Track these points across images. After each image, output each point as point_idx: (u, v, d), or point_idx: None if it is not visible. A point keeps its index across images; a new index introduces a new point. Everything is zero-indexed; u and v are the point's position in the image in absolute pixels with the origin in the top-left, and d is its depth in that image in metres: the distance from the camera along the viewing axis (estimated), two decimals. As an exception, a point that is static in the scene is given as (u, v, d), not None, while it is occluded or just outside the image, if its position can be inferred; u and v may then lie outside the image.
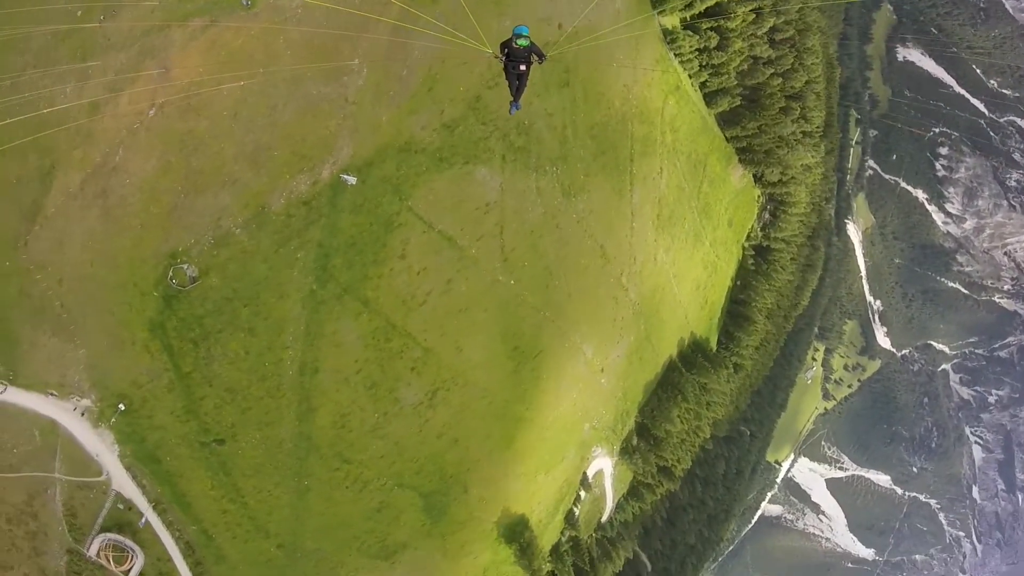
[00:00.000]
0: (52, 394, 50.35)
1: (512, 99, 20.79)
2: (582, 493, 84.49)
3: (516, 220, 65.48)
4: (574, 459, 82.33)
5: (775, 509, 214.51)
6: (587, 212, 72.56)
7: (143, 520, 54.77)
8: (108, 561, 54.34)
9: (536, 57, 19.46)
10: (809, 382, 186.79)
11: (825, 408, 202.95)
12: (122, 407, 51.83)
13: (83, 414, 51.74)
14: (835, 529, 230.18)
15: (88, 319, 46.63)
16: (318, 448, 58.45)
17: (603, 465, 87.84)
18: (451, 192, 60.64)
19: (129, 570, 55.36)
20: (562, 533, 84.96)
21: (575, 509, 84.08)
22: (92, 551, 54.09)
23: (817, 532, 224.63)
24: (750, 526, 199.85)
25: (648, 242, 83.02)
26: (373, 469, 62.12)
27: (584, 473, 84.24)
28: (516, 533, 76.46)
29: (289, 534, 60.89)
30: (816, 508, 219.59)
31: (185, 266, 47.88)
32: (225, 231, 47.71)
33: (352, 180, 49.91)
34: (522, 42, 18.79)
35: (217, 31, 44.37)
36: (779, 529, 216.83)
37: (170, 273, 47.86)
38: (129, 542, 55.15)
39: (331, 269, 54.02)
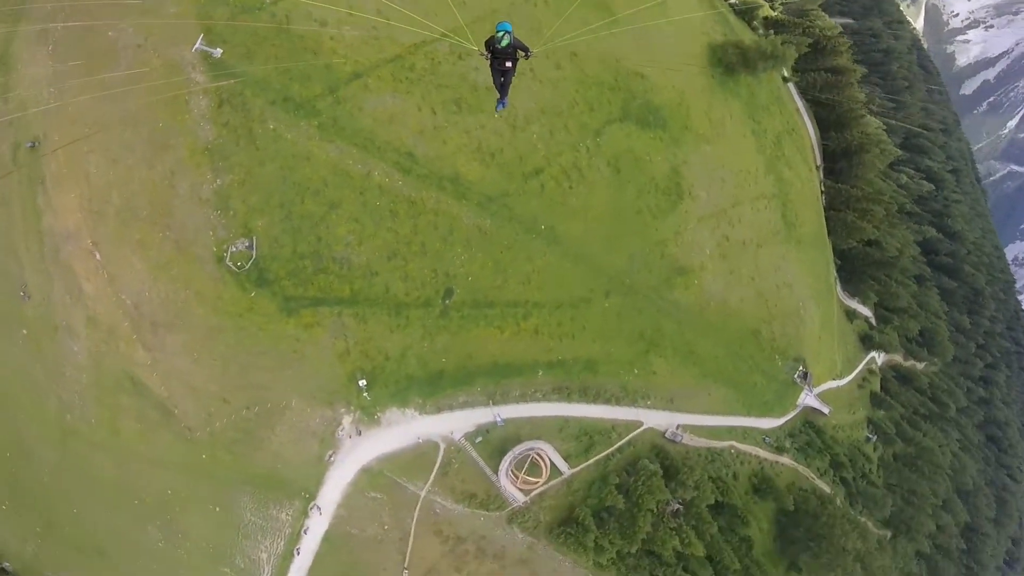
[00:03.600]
0: (331, 455, 43.40)
1: (499, 97, 19.76)
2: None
3: None
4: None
5: None
6: None
7: (500, 420, 44.57)
8: (529, 482, 45.78)
9: (521, 53, 18.07)
10: None
11: None
12: (363, 382, 42.65)
13: (360, 432, 43.46)
14: None
15: (266, 380, 41.98)
16: (508, 177, 44.69)
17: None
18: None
19: (551, 463, 45.54)
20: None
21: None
22: (513, 492, 45.57)
23: None
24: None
25: None
26: (567, 135, 47.13)
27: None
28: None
29: (601, 276, 48.01)
30: None
31: (232, 249, 41.15)
32: (213, 194, 41.17)
33: (216, 51, 41.87)
34: (504, 39, 17.30)
35: (51, 179, 41.55)
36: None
37: (233, 267, 41.14)
38: (520, 449, 45.59)
39: (305, 100, 43.14)
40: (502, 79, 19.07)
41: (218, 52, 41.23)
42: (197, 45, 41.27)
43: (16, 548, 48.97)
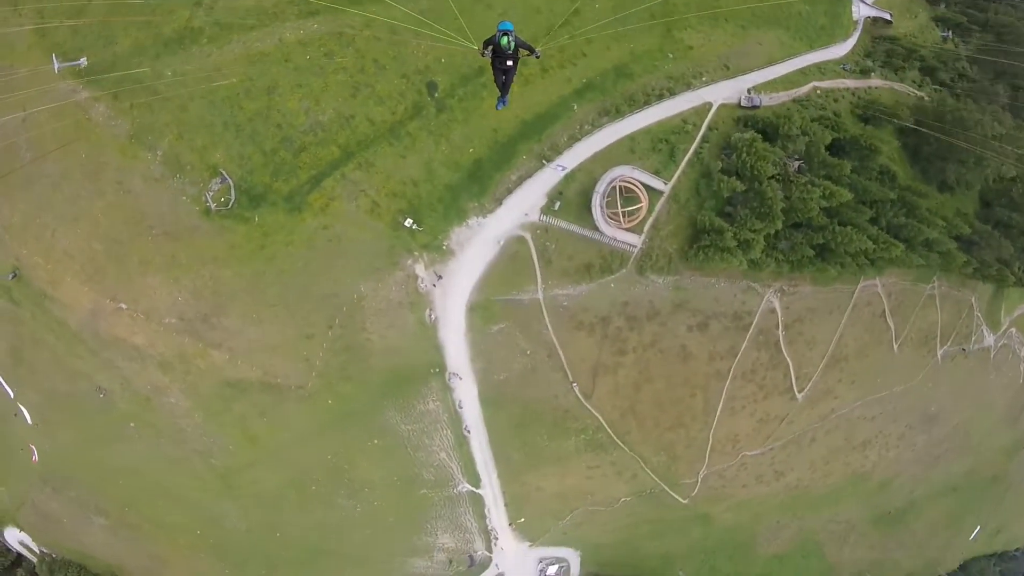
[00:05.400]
0: (429, 314, 39.90)
1: (500, 95, 19.16)
2: None
3: None
4: None
5: None
6: None
7: (560, 168, 39.13)
8: (633, 215, 40.16)
9: (526, 51, 17.53)
10: None
11: None
12: (409, 222, 38.29)
13: (440, 276, 39.32)
14: None
15: (326, 287, 38.97)
16: None
17: None
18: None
19: (643, 185, 38.76)
20: None
21: None
22: (625, 236, 40.20)
23: None
24: None
25: None
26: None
27: None
28: None
29: None
30: None
31: (209, 194, 37.91)
32: (162, 166, 38.68)
33: (81, 61, 39.06)
34: (506, 40, 16.70)
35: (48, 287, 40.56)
36: None
37: (222, 208, 37.73)
38: (602, 186, 39.63)
39: (181, 30, 39.26)
40: (503, 78, 18.14)
41: (83, 61, 38.65)
42: (56, 67, 38.28)
43: (256, 604, 48.89)
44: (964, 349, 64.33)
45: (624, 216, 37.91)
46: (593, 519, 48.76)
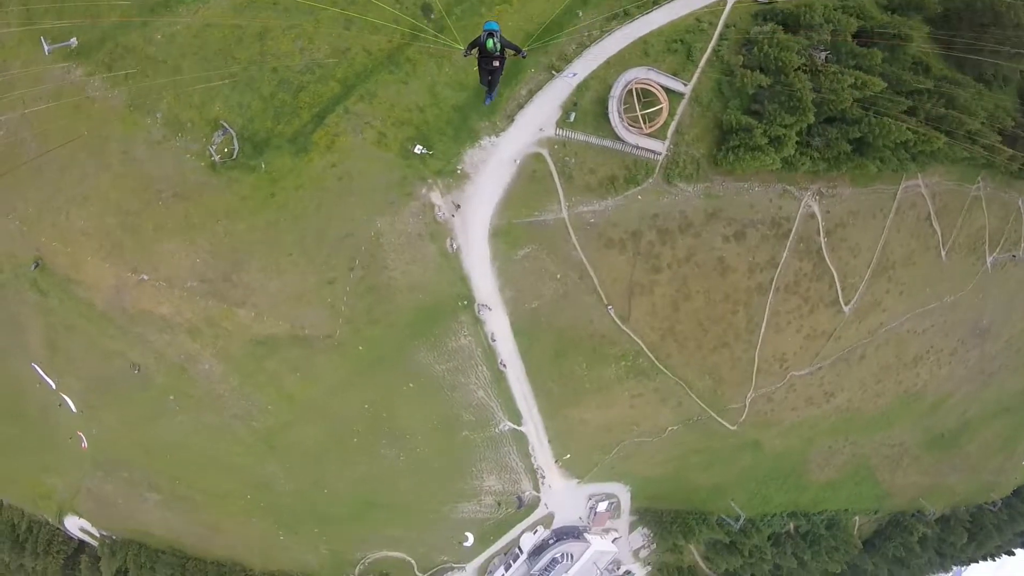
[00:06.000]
0: (451, 243, 38.71)
1: (487, 91, 19.31)
2: None
3: None
4: None
5: None
6: None
7: (572, 75, 37.21)
8: (653, 119, 37.78)
9: (512, 52, 17.51)
10: None
11: None
12: (419, 148, 36.93)
13: (458, 205, 37.97)
14: None
15: (342, 227, 38.26)
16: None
17: None
18: None
19: (661, 87, 36.63)
20: None
21: None
22: (648, 143, 38.14)
23: None
24: None
25: None
26: None
27: None
28: None
29: None
30: None
31: (212, 148, 36.67)
32: (163, 127, 38.11)
33: (71, 41, 38.22)
34: (492, 43, 16.85)
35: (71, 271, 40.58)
36: None
37: (228, 160, 36.72)
38: (617, 90, 37.39)
39: None
40: (490, 78, 18.29)
41: (73, 41, 37.91)
42: (47, 49, 37.60)
43: (311, 559, 49.85)
44: (1015, 256, 60.90)
45: (644, 120, 35.89)
46: (641, 451, 47.44)
